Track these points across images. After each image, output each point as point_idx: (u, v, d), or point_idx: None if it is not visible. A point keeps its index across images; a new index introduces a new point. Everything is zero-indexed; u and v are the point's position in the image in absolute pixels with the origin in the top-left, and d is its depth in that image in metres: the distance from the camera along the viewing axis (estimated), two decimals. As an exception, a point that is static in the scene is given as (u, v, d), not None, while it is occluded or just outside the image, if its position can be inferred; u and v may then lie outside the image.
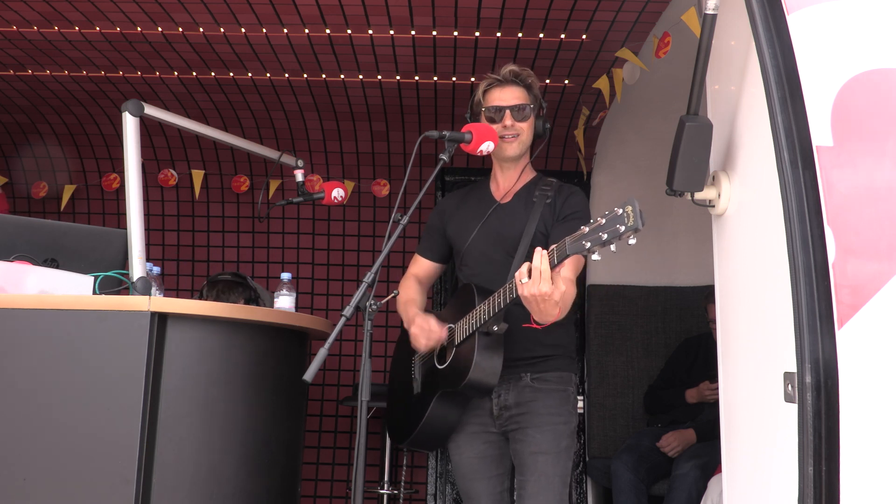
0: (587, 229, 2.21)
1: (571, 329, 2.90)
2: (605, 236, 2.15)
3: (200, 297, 3.88)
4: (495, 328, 2.58)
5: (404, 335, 2.93)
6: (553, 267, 2.30)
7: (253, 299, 3.92)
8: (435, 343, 2.76)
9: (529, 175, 2.90)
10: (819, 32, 2.15)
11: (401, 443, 2.95)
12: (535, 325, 2.52)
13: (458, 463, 2.86)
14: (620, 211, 2.13)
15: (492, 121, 2.80)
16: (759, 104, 2.17)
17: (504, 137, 2.79)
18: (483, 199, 2.90)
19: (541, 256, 2.30)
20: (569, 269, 2.59)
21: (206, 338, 2.85)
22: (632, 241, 2.13)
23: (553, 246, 2.31)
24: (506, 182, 2.89)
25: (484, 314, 2.58)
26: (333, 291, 5.27)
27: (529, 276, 2.32)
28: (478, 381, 2.60)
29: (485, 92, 2.84)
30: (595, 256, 2.20)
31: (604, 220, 2.17)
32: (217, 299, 3.83)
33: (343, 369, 5.17)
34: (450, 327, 2.77)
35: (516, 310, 2.55)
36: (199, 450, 2.81)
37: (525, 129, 2.81)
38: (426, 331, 2.74)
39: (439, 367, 2.77)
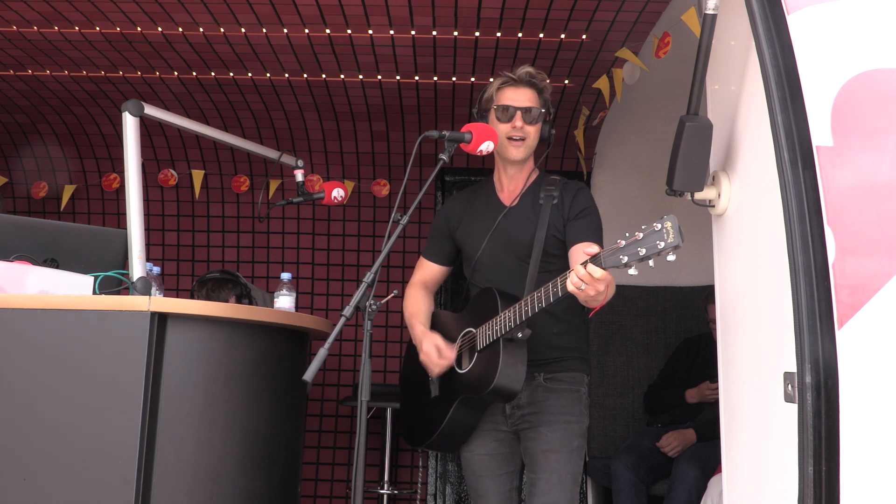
0: (623, 243, 2.17)
1: (585, 331, 2.89)
2: (643, 251, 2.12)
3: (191, 297, 3.88)
4: (519, 335, 2.57)
5: None
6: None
7: (245, 295, 3.91)
8: (442, 371, 2.77)
9: (533, 175, 2.88)
10: (819, 32, 2.15)
11: (417, 445, 2.96)
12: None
13: (468, 460, 2.85)
14: (659, 226, 2.10)
15: (501, 119, 2.77)
16: (759, 104, 2.17)
17: (511, 139, 2.76)
18: (490, 203, 2.88)
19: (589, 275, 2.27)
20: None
21: (206, 338, 2.85)
22: (671, 258, 2.10)
23: (588, 258, 2.28)
24: (510, 184, 2.87)
25: (509, 321, 2.56)
26: (333, 291, 5.27)
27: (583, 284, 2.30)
28: (502, 387, 2.60)
29: (498, 89, 2.81)
30: (632, 271, 2.16)
31: (641, 235, 2.13)
32: (207, 298, 3.82)
33: (343, 369, 5.16)
34: (469, 330, 2.77)
35: (537, 316, 2.54)
36: (199, 450, 2.80)
37: (532, 133, 2.78)
38: (434, 361, 2.76)
39: (459, 371, 2.76)
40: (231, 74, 4.33)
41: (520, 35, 3.78)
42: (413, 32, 3.78)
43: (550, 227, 2.75)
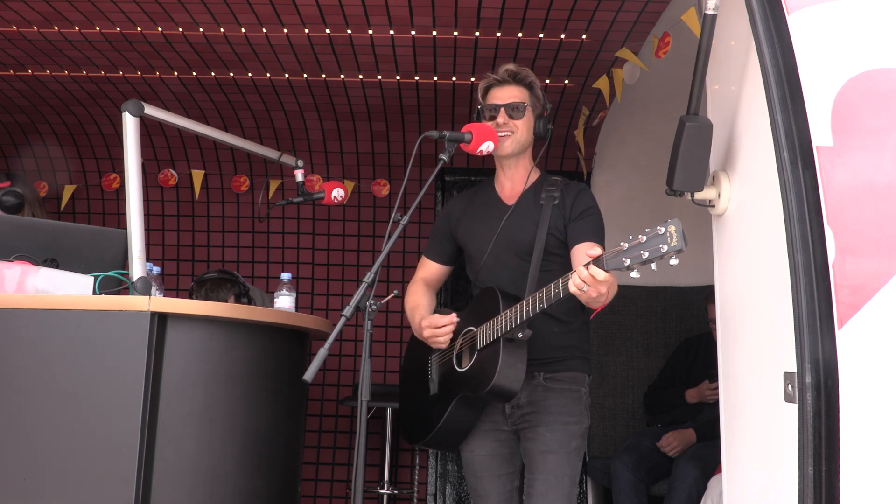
0: (626, 245, 2.18)
1: (586, 331, 2.88)
2: (646, 254, 2.13)
3: (190, 297, 3.88)
4: (520, 335, 2.57)
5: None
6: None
7: (244, 294, 3.91)
8: (450, 333, 2.76)
9: (534, 175, 2.89)
10: (819, 32, 2.15)
11: (415, 443, 2.96)
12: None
13: (468, 460, 2.85)
14: (662, 230, 2.11)
15: (488, 119, 2.79)
16: (759, 104, 2.17)
17: (499, 135, 2.78)
18: (490, 203, 2.89)
19: (591, 275, 2.28)
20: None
21: (206, 338, 2.85)
22: (673, 262, 2.11)
23: (590, 261, 2.29)
24: (510, 183, 2.88)
25: (510, 321, 2.56)
26: (333, 291, 5.27)
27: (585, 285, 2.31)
28: (501, 387, 2.59)
29: (485, 92, 2.85)
30: (634, 274, 2.18)
31: (644, 238, 2.14)
32: (206, 297, 3.82)
33: (343, 369, 5.16)
34: (470, 329, 2.77)
35: (538, 316, 2.55)
36: (199, 450, 2.81)
37: (520, 126, 2.79)
38: (437, 333, 2.76)
39: (459, 370, 2.76)
40: (231, 74, 4.33)
41: (520, 35, 3.78)
42: (413, 32, 3.78)
43: (551, 227, 2.75)
